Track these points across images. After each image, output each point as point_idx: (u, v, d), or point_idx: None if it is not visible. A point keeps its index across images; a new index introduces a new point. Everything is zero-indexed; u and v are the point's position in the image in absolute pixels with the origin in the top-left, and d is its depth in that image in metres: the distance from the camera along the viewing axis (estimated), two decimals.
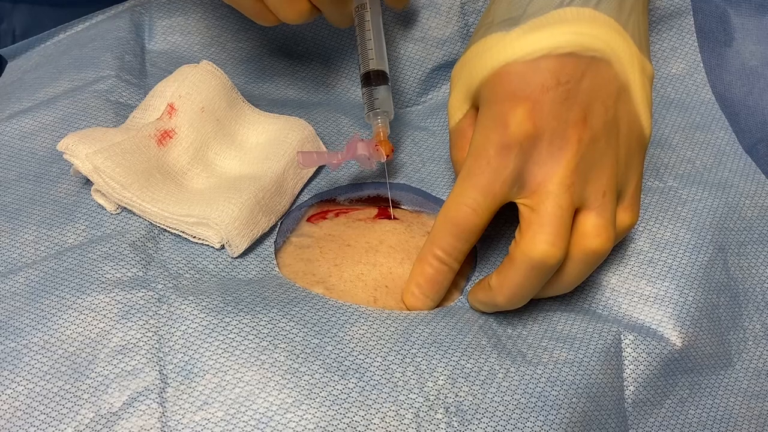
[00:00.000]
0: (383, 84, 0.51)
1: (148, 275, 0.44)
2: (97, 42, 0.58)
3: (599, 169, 0.42)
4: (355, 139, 0.50)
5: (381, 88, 0.51)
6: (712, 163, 0.54)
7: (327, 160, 0.49)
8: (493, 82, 0.44)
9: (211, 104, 0.50)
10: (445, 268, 0.45)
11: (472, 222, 0.43)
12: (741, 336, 0.48)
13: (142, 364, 0.41)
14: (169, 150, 0.49)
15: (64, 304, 0.43)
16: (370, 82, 0.51)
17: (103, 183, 0.46)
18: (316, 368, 0.41)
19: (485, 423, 0.40)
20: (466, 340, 0.43)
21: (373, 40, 0.52)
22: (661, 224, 0.50)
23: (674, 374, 0.46)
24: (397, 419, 0.39)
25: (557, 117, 0.42)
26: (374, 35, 0.53)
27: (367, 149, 0.49)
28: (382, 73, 0.52)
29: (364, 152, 0.49)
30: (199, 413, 0.39)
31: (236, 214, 0.46)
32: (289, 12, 0.48)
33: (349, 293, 0.46)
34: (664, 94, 0.57)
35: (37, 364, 0.41)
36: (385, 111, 0.51)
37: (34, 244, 0.46)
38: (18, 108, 0.54)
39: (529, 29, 0.43)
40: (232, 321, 0.42)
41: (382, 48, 0.53)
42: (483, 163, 0.43)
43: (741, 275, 0.50)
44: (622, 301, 0.47)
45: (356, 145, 0.49)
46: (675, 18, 0.59)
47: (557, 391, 0.41)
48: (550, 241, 0.41)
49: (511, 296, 0.43)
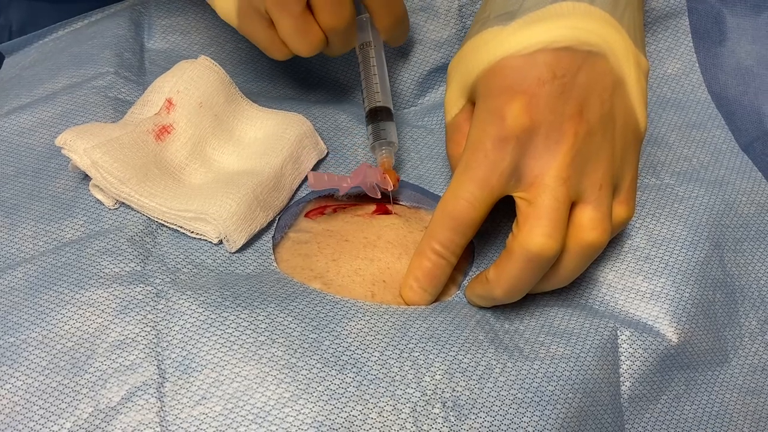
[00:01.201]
0: (388, 120, 0.52)
1: (146, 270, 0.44)
2: (96, 40, 0.58)
3: (595, 163, 0.43)
4: (364, 167, 0.50)
5: (387, 123, 0.52)
6: (709, 161, 0.54)
7: (337, 183, 0.49)
8: (489, 76, 0.44)
9: (209, 99, 0.50)
10: (443, 262, 0.45)
11: (470, 215, 0.43)
12: (737, 332, 0.49)
13: (140, 359, 0.41)
14: (167, 145, 0.49)
15: (62, 299, 0.43)
16: (376, 118, 0.52)
17: (101, 178, 0.46)
18: (313, 363, 0.41)
19: (482, 418, 0.40)
20: (464, 335, 0.43)
21: (378, 77, 0.53)
22: (658, 221, 0.50)
23: (670, 370, 0.46)
24: (395, 414, 0.39)
25: (553, 110, 0.42)
26: (378, 72, 0.54)
27: (375, 177, 0.50)
28: (387, 110, 0.53)
29: (372, 179, 0.50)
30: (197, 408, 0.39)
31: (234, 209, 0.46)
32: (302, 43, 0.49)
33: (347, 288, 0.46)
34: (661, 93, 0.58)
35: (35, 359, 0.41)
36: (391, 142, 0.52)
37: (32, 240, 0.46)
38: (16, 104, 0.54)
39: (525, 23, 0.44)
40: (230, 316, 0.42)
41: (386, 85, 0.54)
42: (480, 156, 0.43)
43: (737, 272, 0.50)
44: (618, 297, 0.47)
45: (364, 172, 0.50)
46: (670, 18, 0.59)
47: (554, 387, 0.42)
48: (547, 234, 0.41)
49: (508, 289, 0.43)
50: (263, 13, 0.47)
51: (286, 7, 0.47)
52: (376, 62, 0.54)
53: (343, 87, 0.59)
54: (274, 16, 0.47)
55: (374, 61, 0.54)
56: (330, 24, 0.48)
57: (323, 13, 0.48)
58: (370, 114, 0.53)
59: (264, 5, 0.47)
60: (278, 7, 0.47)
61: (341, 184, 0.49)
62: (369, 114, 0.53)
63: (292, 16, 0.47)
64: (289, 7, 0.47)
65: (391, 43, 0.55)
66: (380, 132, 0.52)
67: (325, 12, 0.48)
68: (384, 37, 0.54)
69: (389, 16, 0.52)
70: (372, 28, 0.55)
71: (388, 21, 0.52)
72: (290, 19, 0.47)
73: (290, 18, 0.47)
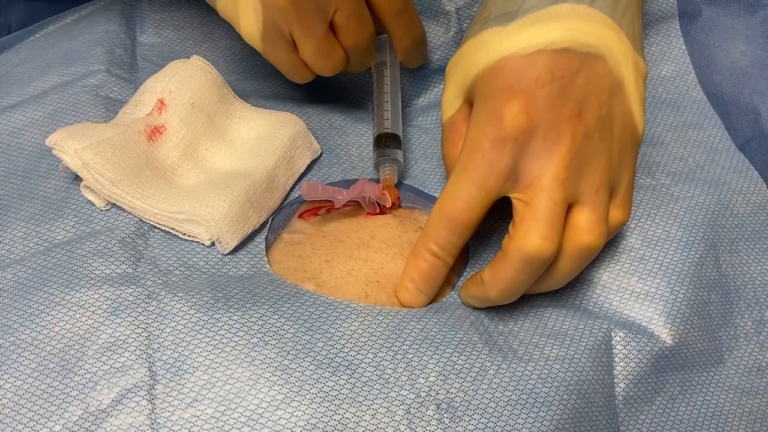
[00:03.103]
0: (396, 148, 0.52)
1: (138, 271, 0.44)
2: (87, 35, 0.57)
3: (593, 165, 0.43)
4: (363, 181, 0.50)
5: (394, 150, 0.52)
6: (705, 161, 0.54)
7: (332, 195, 0.49)
8: (488, 76, 0.44)
9: (201, 100, 0.50)
10: (439, 262, 0.45)
11: (467, 216, 0.43)
12: (732, 333, 0.49)
13: (131, 361, 0.41)
14: (159, 146, 0.49)
15: (52, 301, 0.43)
16: (383, 144, 0.52)
17: (93, 179, 0.46)
18: (306, 365, 0.40)
19: (476, 420, 0.40)
20: (458, 337, 0.43)
21: (390, 103, 0.54)
22: (653, 221, 0.50)
23: (665, 371, 0.46)
24: (388, 416, 0.39)
25: (552, 111, 0.42)
26: (391, 97, 0.54)
27: (374, 192, 0.50)
28: (395, 137, 0.53)
29: (370, 194, 0.49)
30: (188, 410, 0.39)
31: (226, 210, 0.45)
32: (325, 64, 0.50)
33: (341, 289, 0.46)
34: (656, 94, 0.58)
35: (25, 361, 0.41)
36: (395, 160, 0.51)
37: (22, 241, 0.46)
38: (7, 103, 0.53)
39: (524, 24, 0.44)
40: (222, 317, 0.42)
41: (398, 111, 0.54)
42: (478, 157, 0.43)
43: (733, 272, 0.50)
44: (613, 298, 0.47)
45: (363, 187, 0.49)
46: (662, 22, 0.60)
47: (548, 388, 0.41)
48: (544, 235, 0.41)
49: (503, 290, 0.43)
50: (287, 36, 0.48)
51: (311, 28, 0.48)
52: (390, 84, 0.54)
53: (337, 86, 0.59)
54: (298, 38, 0.48)
55: (388, 82, 0.54)
56: (352, 43, 0.49)
57: (347, 32, 0.49)
58: (378, 139, 0.53)
59: (288, 28, 0.48)
60: (303, 29, 0.48)
61: (336, 197, 0.49)
62: (377, 139, 0.53)
63: (315, 37, 0.48)
64: (313, 28, 0.48)
65: (408, 64, 0.56)
66: (385, 150, 0.52)
67: (349, 31, 0.49)
68: (401, 58, 0.55)
69: (408, 37, 0.53)
70: (390, 49, 0.55)
71: (406, 43, 0.53)
72: (314, 40, 0.48)
73: (314, 39, 0.48)
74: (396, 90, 0.55)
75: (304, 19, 0.47)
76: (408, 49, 0.53)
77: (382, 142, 0.52)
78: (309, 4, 0.47)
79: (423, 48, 0.55)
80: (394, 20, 0.51)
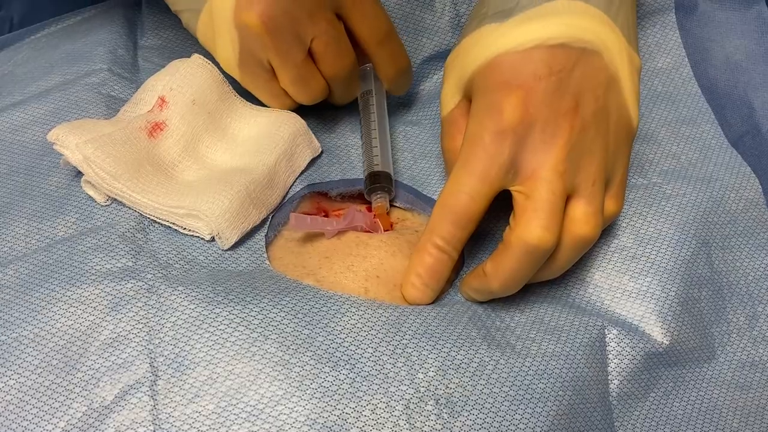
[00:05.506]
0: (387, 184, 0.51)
1: (138, 265, 0.44)
2: (90, 36, 0.57)
3: (589, 158, 0.43)
4: (353, 209, 0.50)
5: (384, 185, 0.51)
6: (697, 158, 0.54)
7: (321, 226, 0.49)
8: (486, 72, 0.44)
9: (202, 97, 0.50)
10: (444, 256, 0.45)
11: (471, 209, 0.44)
12: (725, 329, 0.49)
13: (133, 357, 0.41)
14: (159, 142, 0.49)
15: (54, 297, 0.43)
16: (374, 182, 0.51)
17: (93, 173, 0.46)
18: (306, 359, 0.41)
19: (474, 415, 0.40)
20: (457, 332, 0.43)
21: (378, 140, 0.53)
22: (645, 220, 0.50)
23: (658, 368, 0.46)
24: (388, 411, 0.40)
25: (549, 105, 0.43)
26: (379, 130, 0.53)
27: (365, 222, 0.50)
28: (387, 175, 0.52)
29: (362, 224, 0.49)
30: (190, 406, 0.39)
31: (227, 206, 0.46)
32: (304, 91, 0.50)
33: (340, 284, 0.46)
34: (651, 86, 0.58)
35: (28, 358, 0.41)
36: (387, 187, 0.51)
37: (24, 237, 0.46)
38: (9, 101, 0.53)
39: (521, 21, 0.44)
40: (222, 312, 0.42)
41: (387, 145, 0.53)
42: (479, 150, 0.43)
43: (725, 268, 0.50)
44: (605, 297, 0.47)
45: (353, 216, 0.49)
46: (658, 14, 0.60)
47: (545, 384, 0.42)
48: (545, 226, 0.42)
49: (506, 282, 0.43)
50: (265, 64, 0.49)
51: (289, 55, 0.48)
52: (376, 112, 0.54)
53: None
54: (276, 66, 0.48)
55: (374, 110, 0.54)
56: (332, 72, 0.49)
57: (326, 61, 0.49)
58: (369, 177, 0.52)
59: (266, 56, 0.48)
60: (281, 57, 0.48)
61: (326, 228, 0.49)
62: (368, 177, 0.52)
63: (294, 64, 0.48)
64: (291, 55, 0.48)
65: (394, 92, 0.55)
66: (377, 187, 0.51)
67: (328, 59, 0.49)
68: (387, 87, 0.55)
69: (393, 66, 0.53)
70: (375, 78, 0.55)
71: (391, 72, 0.53)
72: (292, 67, 0.48)
73: (292, 66, 0.48)
74: (383, 119, 0.54)
75: (281, 46, 0.47)
76: (393, 78, 0.53)
77: (373, 180, 0.51)
78: (285, 31, 0.47)
79: (408, 76, 0.55)
80: (378, 49, 0.51)
